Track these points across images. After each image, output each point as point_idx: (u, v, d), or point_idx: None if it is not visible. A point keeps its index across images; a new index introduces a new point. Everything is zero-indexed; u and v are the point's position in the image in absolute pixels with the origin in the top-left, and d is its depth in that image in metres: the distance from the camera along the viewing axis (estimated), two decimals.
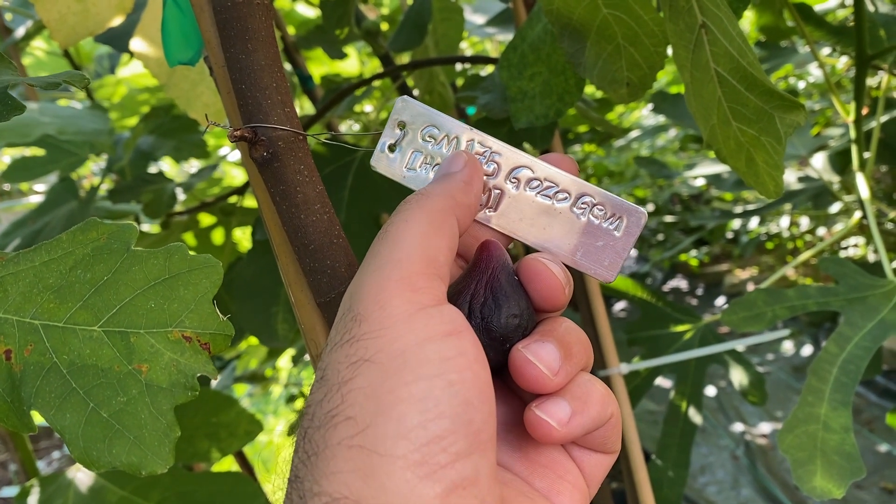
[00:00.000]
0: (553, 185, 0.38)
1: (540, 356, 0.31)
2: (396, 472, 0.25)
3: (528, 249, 0.40)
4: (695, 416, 0.97)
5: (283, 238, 0.43)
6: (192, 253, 0.32)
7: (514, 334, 0.33)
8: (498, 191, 0.38)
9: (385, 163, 0.39)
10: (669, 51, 0.59)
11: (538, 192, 0.38)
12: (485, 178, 0.38)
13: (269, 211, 0.43)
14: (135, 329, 0.30)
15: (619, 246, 0.37)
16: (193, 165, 2.05)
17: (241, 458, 1.30)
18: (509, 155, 0.38)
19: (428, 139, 0.39)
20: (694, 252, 4.12)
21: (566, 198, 0.38)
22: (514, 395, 0.36)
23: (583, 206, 0.37)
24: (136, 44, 0.69)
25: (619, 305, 3.63)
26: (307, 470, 0.26)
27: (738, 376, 0.99)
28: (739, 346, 0.95)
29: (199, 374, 0.31)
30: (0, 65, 0.33)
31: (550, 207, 0.38)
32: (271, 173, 0.40)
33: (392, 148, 0.39)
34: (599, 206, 0.37)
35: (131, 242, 0.31)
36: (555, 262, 0.35)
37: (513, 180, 0.38)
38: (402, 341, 0.27)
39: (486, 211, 0.38)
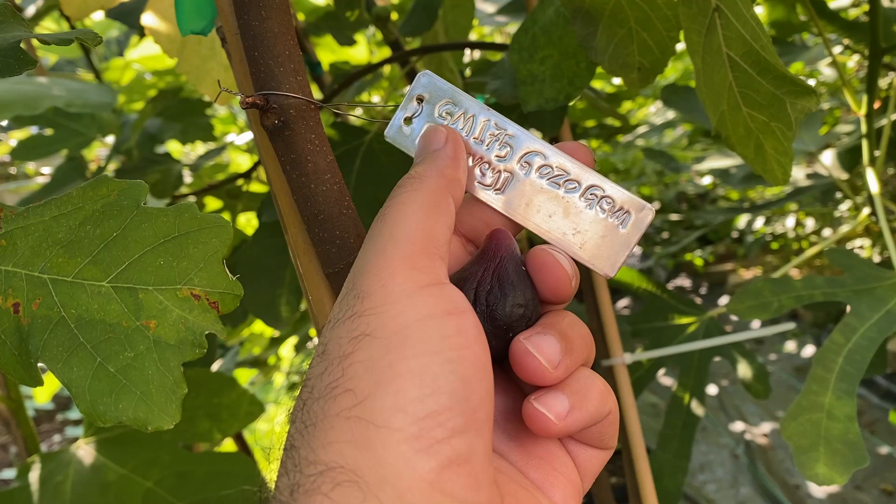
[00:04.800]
0: (563, 173, 0.37)
1: (541, 348, 0.31)
2: (392, 445, 0.25)
3: (537, 240, 0.39)
4: (697, 409, 0.97)
5: (293, 208, 0.43)
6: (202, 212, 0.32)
7: (517, 324, 0.33)
8: (508, 174, 0.38)
9: (399, 134, 0.39)
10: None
11: (548, 179, 0.37)
12: (496, 160, 0.38)
13: (279, 181, 0.43)
14: (143, 286, 0.30)
15: (623, 241, 0.37)
16: (192, 157, 2.05)
17: (241, 442, 1.30)
18: (523, 139, 0.38)
19: (445, 116, 0.38)
20: (698, 251, 4.11)
21: (575, 188, 0.37)
22: (514, 385, 0.36)
23: (591, 197, 0.37)
24: (147, 18, 0.69)
25: (622, 303, 3.63)
26: (304, 440, 0.26)
27: (743, 370, 0.99)
28: (744, 338, 0.95)
29: (207, 333, 0.31)
30: (12, 21, 0.33)
31: (558, 196, 0.37)
32: (282, 141, 0.40)
33: (409, 121, 0.39)
34: (607, 199, 0.37)
35: (141, 199, 0.31)
36: (563, 255, 0.35)
37: (524, 165, 0.38)
38: (403, 318, 0.28)
39: (493, 193, 0.38)
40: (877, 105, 0.91)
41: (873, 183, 0.89)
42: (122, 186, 0.31)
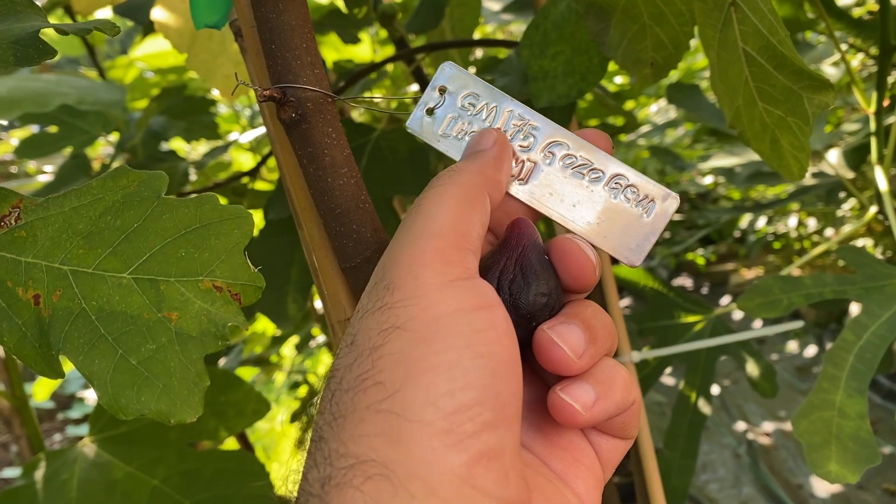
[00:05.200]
0: (588, 162, 0.37)
1: (565, 337, 0.31)
2: (423, 439, 0.25)
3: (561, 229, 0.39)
4: (704, 407, 0.96)
5: (308, 202, 0.42)
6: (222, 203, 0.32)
7: (541, 313, 0.33)
8: (531, 163, 0.37)
9: (421, 125, 0.39)
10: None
11: (572, 169, 0.37)
12: (519, 150, 0.38)
13: (294, 175, 0.43)
14: (165, 277, 0.30)
15: (649, 230, 0.37)
16: (194, 156, 2.04)
17: (243, 440, 1.30)
18: (547, 129, 0.38)
19: (468, 107, 0.38)
20: (700, 251, 4.11)
21: (599, 177, 0.37)
22: (536, 375, 0.36)
23: (615, 186, 0.37)
24: (157, 13, 0.69)
25: (624, 302, 3.63)
26: (333, 432, 0.26)
27: (750, 368, 0.98)
28: (751, 336, 0.94)
29: (229, 324, 0.31)
30: (30, 11, 0.33)
31: (582, 185, 0.37)
32: (299, 135, 0.40)
33: (431, 112, 0.39)
34: (632, 188, 0.37)
35: (162, 190, 0.31)
36: (586, 243, 0.34)
37: (547, 154, 0.37)
38: (434, 311, 0.27)
39: (517, 183, 0.37)
40: (885, 103, 0.91)
41: (882, 180, 0.89)
42: (142, 177, 0.31)
